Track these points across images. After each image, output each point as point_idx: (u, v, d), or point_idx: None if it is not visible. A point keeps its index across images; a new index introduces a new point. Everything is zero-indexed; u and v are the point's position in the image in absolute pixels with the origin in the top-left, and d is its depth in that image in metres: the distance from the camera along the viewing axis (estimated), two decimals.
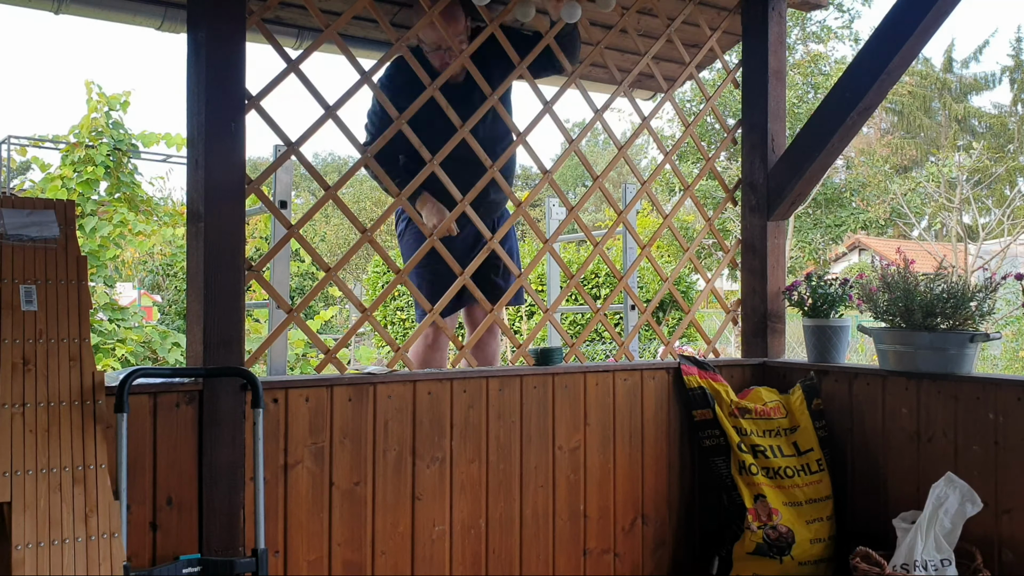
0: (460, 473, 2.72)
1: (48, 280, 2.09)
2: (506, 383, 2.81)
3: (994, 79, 31.57)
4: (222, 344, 2.33)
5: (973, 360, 2.83)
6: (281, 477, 2.42)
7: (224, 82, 2.36)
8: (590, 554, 2.95)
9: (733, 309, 3.55)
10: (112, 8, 3.09)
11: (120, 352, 6.09)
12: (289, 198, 2.80)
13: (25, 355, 2.01)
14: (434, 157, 2.82)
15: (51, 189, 6.97)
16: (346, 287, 2.77)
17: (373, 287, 11.67)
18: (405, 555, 2.61)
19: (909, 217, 15.82)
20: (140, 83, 42.72)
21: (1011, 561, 2.61)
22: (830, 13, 16.86)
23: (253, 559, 2.23)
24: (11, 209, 2.08)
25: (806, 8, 3.70)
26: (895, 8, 2.99)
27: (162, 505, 2.25)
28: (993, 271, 12.20)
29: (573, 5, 3.05)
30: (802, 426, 3.12)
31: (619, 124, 16.65)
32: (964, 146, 19.72)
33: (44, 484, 1.96)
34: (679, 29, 3.37)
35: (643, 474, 3.07)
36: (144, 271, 11.02)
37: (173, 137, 7.36)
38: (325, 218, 24.06)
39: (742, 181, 3.53)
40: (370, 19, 3.28)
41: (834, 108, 3.18)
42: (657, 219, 12.04)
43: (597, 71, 3.89)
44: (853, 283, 3.21)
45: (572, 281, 3.10)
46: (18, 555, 1.87)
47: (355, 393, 2.55)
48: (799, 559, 2.93)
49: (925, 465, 2.85)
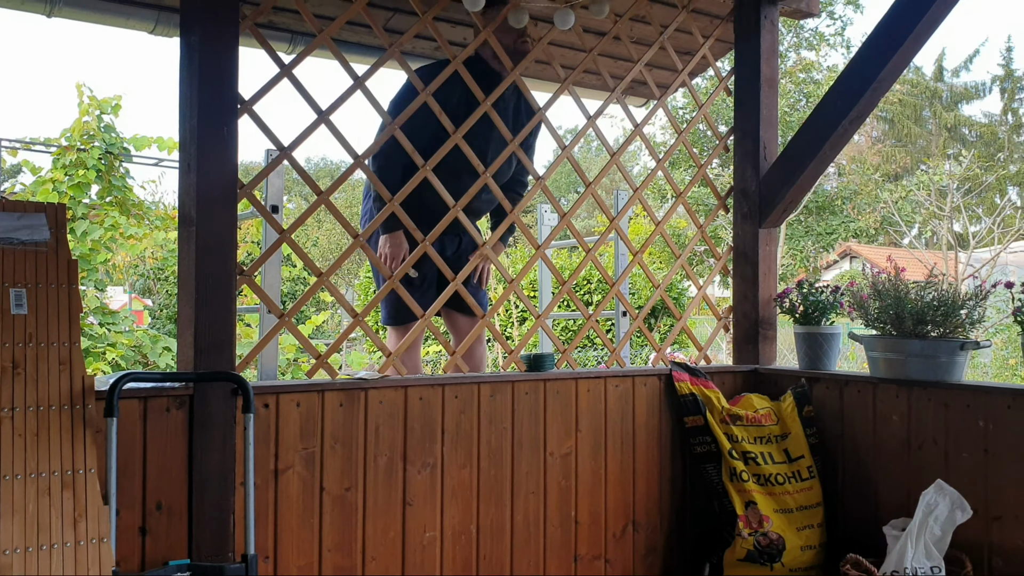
0: (451, 479, 2.71)
1: (38, 283, 2.08)
2: (498, 389, 2.81)
3: (984, 88, 31.74)
4: (213, 348, 2.33)
5: (963, 368, 2.84)
6: (272, 482, 2.41)
7: (217, 86, 2.36)
8: (581, 560, 2.95)
9: (725, 316, 3.55)
10: (105, 12, 3.09)
11: (110, 356, 6.06)
12: (281, 203, 2.80)
13: (15, 359, 2.00)
14: (427, 163, 2.82)
15: (42, 192, 6.94)
16: (338, 292, 2.77)
17: (365, 292, 11.64)
18: (396, 561, 2.60)
19: (900, 225, 15.88)
20: (132, 86, 42.64)
21: (1001, 568, 2.62)
22: (822, 20, 16.94)
23: (243, 564, 2.22)
24: (1, 212, 2.07)
25: (798, 16, 3.72)
26: (887, 16, 3.00)
27: (152, 510, 2.24)
28: (983, 279, 12.18)
29: (566, 12, 3.06)
30: (793, 433, 3.13)
31: (611, 130, 16.71)
32: (955, 154, 19.80)
33: (33, 488, 1.94)
34: (672, 36, 3.39)
35: (634, 480, 3.07)
36: (135, 275, 10.99)
37: (165, 141, 7.33)
38: (317, 223, 24.02)
39: (734, 188, 3.54)
40: (363, 24, 3.28)
41: (826, 116, 3.19)
42: (649, 225, 12.06)
43: (590, 78, 3.90)
44: (844, 290, 3.22)
45: (564, 287, 3.10)
46: (6, 560, 1.86)
47: (346, 398, 2.54)
48: (790, 566, 2.93)
49: (915, 472, 2.86)
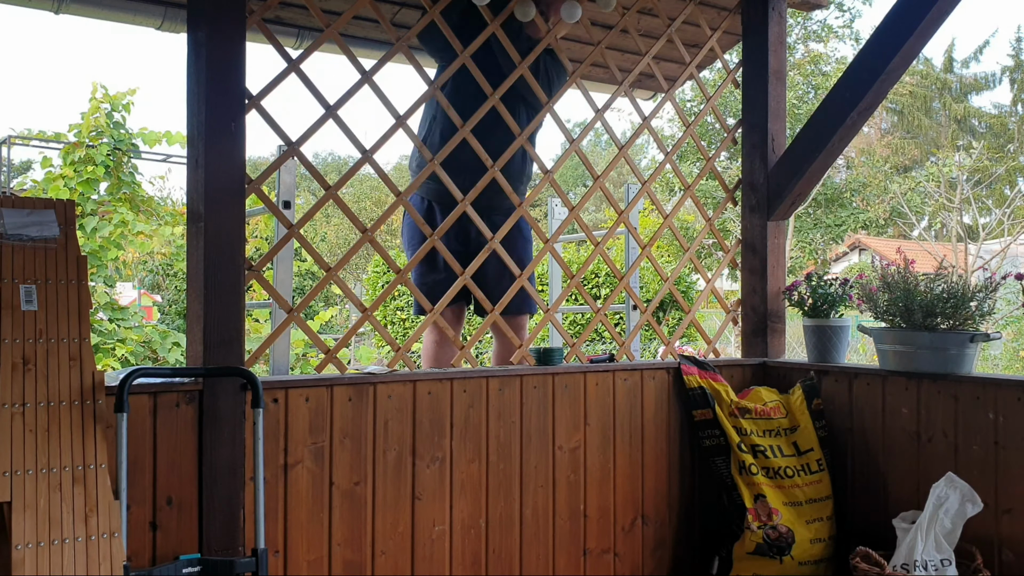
0: (460, 473, 2.71)
1: (48, 280, 2.09)
2: (506, 383, 2.81)
3: (994, 79, 31.55)
4: (222, 344, 2.33)
5: (973, 360, 2.83)
6: (281, 477, 2.42)
7: (224, 82, 2.36)
8: (590, 554, 2.95)
9: (733, 309, 3.55)
10: (112, 7, 3.10)
11: (120, 352, 6.09)
12: (292, 198, 2.80)
13: (25, 355, 2.01)
14: (434, 156, 2.82)
15: (52, 189, 6.98)
16: (346, 287, 2.77)
17: (373, 287, 11.66)
18: (405, 555, 2.61)
19: (909, 217, 15.82)
20: (141, 81, 42.63)
21: (1011, 561, 2.61)
22: (831, 12, 16.85)
23: (253, 559, 2.23)
24: (11, 209, 2.08)
25: (806, 8, 3.70)
26: (895, 8, 2.99)
27: (162, 505, 2.25)
28: (993, 271, 12.17)
29: (573, 5, 3.05)
30: (802, 426, 3.12)
31: (619, 123, 16.66)
32: (964, 146, 19.70)
33: (44, 484, 1.96)
34: (679, 29, 3.37)
35: (643, 474, 3.07)
36: (144, 271, 11.02)
37: (174, 136, 7.35)
38: (326, 218, 24.07)
39: (742, 181, 3.53)
40: (371, 19, 3.28)
41: (834, 108, 3.18)
42: (658, 219, 12.04)
43: (598, 71, 3.89)
44: (853, 283, 3.21)
45: (573, 281, 3.10)
46: (18, 555, 1.87)
47: (355, 393, 2.55)
48: (799, 559, 2.93)
49: (925, 465, 2.85)
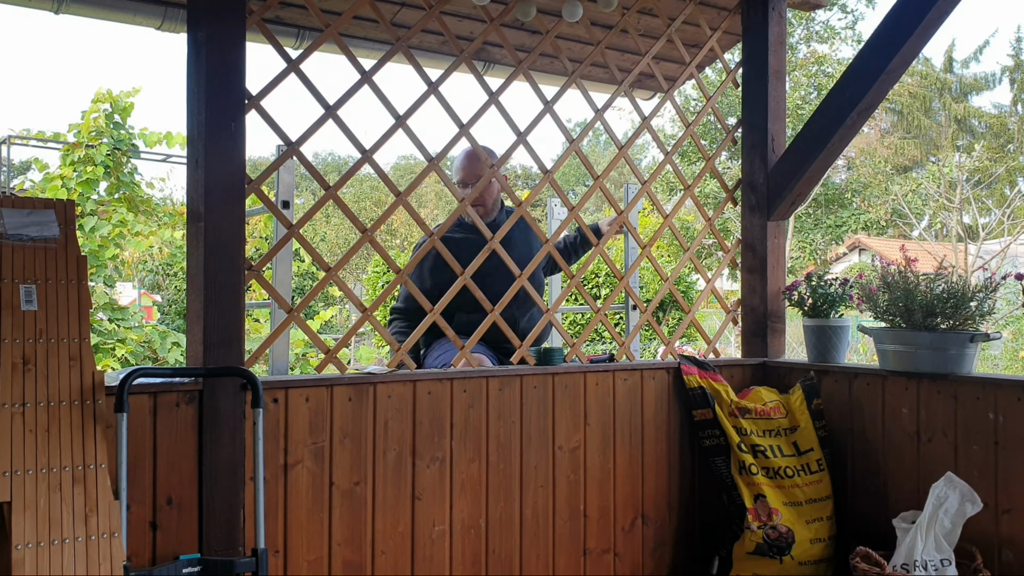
0: (460, 473, 2.71)
1: (48, 280, 2.09)
2: (506, 383, 2.81)
3: (994, 79, 31.56)
4: (222, 344, 2.33)
5: (973, 360, 2.83)
6: (281, 477, 2.42)
7: (224, 82, 2.36)
8: (590, 554, 2.95)
9: (733, 309, 3.55)
10: (112, 8, 3.09)
11: (120, 352, 6.09)
12: (292, 198, 2.80)
13: (25, 355, 2.01)
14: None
15: (51, 189, 6.98)
16: (346, 287, 2.77)
17: (373, 287, 11.66)
18: (405, 555, 2.61)
19: (909, 217, 15.82)
20: (141, 81, 42.64)
21: (1011, 561, 2.61)
22: (833, 13, 16.86)
23: (253, 559, 2.23)
24: (11, 209, 2.07)
25: (807, 8, 3.70)
26: (895, 8, 2.98)
27: (162, 505, 2.25)
28: (993, 271, 12.15)
29: (575, 5, 3.05)
30: (802, 426, 3.12)
31: (620, 123, 16.68)
32: (964, 146, 19.71)
33: (44, 484, 1.95)
34: (679, 29, 3.37)
35: (643, 474, 3.07)
36: (144, 271, 11.02)
37: (173, 137, 7.35)
38: (325, 218, 24.06)
39: (742, 181, 3.53)
40: (371, 19, 3.28)
41: (834, 108, 3.18)
42: (658, 219, 12.04)
43: (598, 71, 3.89)
44: (853, 283, 3.21)
45: (573, 281, 3.10)
46: (18, 555, 1.87)
47: (355, 393, 2.55)
48: (799, 559, 2.93)
49: (925, 465, 2.85)
